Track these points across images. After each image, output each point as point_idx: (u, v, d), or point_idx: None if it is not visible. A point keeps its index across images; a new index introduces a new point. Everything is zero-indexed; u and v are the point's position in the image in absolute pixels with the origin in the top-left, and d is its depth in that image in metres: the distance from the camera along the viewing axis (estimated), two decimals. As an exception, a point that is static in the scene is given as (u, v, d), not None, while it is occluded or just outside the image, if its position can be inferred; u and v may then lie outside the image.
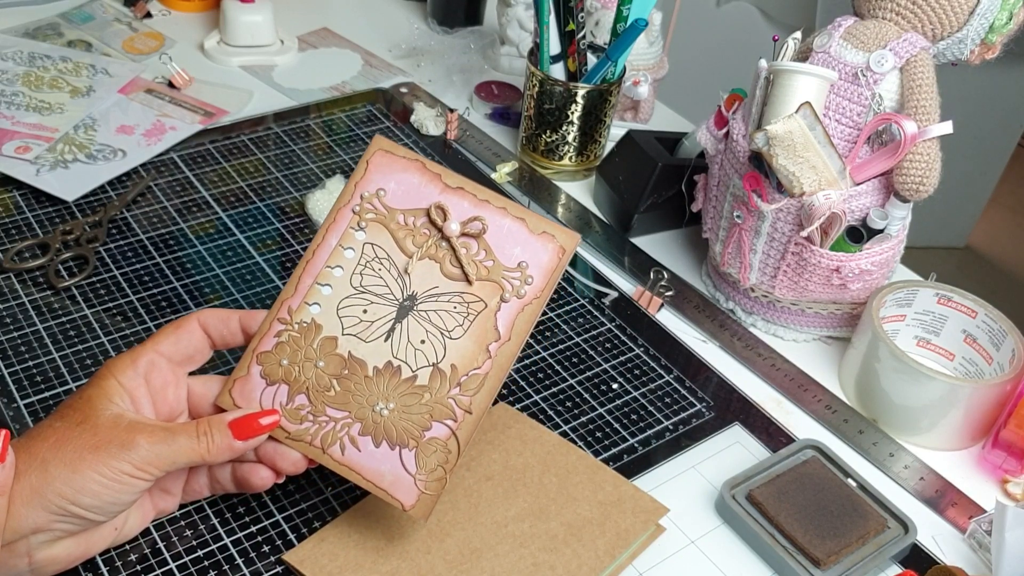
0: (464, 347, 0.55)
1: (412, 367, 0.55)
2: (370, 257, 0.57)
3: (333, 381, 0.55)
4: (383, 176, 0.58)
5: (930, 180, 0.69)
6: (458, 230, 0.56)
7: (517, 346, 0.55)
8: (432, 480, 0.53)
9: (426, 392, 0.55)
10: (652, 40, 1.01)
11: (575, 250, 0.57)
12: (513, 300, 0.56)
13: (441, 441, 0.54)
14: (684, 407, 0.71)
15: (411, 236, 0.57)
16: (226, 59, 1.06)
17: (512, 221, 0.57)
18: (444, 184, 0.58)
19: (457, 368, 0.55)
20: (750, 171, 0.73)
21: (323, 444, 0.55)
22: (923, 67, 0.70)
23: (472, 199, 0.57)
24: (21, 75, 0.97)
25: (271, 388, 0.56)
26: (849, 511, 0.62)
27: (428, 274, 0.57)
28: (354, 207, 0.58)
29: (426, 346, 0.55)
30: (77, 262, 0.76)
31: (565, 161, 0.95)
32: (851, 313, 0.78)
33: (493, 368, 0.55)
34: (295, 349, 0.56)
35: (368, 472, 0.54)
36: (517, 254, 0.57)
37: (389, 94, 1.04)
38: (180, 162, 0.89)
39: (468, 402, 0.54)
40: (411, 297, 0.56)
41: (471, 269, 0.56)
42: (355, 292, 0.57)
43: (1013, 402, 0.68)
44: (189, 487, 0.57)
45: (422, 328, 0.56)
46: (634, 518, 0.60)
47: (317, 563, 0.56)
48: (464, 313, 0.56)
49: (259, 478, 0.55)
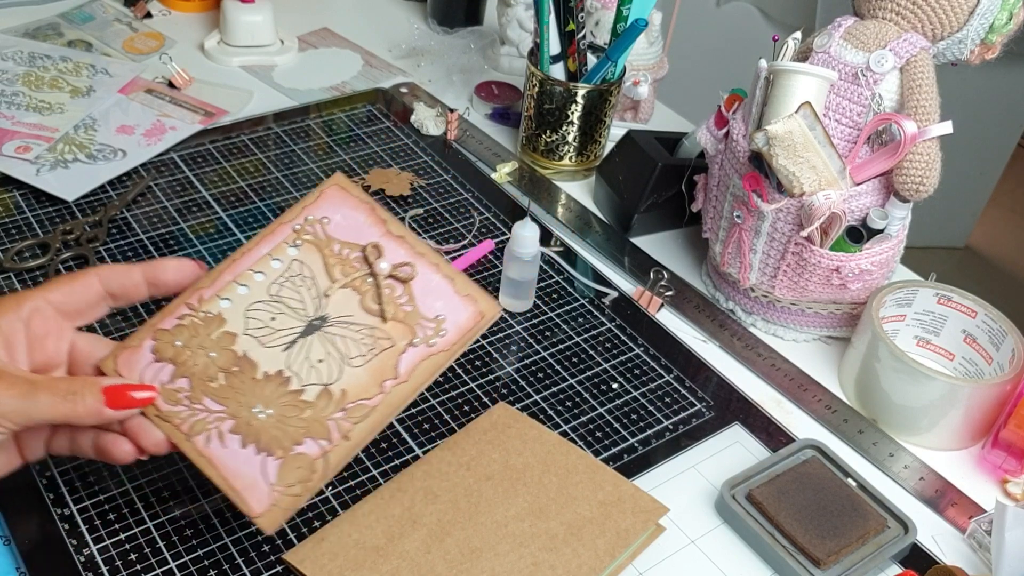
0: (360, 376, 0.56)
1: (302, 381, 0.56)
2: (295, 272, 0.59)
3: (220, 374, 0.55)
4: (332, 207, 0.61)
5: (930, 180, 0.69)
6: (387, 270, 0.59)
7: (413, 390, 0.56)
8: (287, 494, 0.53)
9: (308, 408, 0.55)
10: (652, 40, 1.01)
11: (493, 320, 0.59)
12: (422, 347, 0.57)
13: (309, 459, 0.53)
14: (684, 407, 0.71)
15: (340, 265, 0.59)
16: (226, 59, 1.06)
17: (441, 278, 0.59)
18: (387, 230, 0.60)
19: (347, 394, 0.55)
20: (750, 171, 0.73)
21: (190, 431, 0.54)
22: (923, 67, 0.70)
23: (409, 249, 0.60)
24: (21, 75, 0.97)
25: (157, 365, 0.55)
26: (849, 511, 0.62)
27: (346, 303, 0.58)
28: (295, 225, 0.60)
29: (323, 365, 0.56)
30: (77, 262, 0.76)
31: (565, 161, 0.95)
32: (851, 313, 0.78)
33: (382, 404, 0.55)
34: (193, 335, 0.56)
35: (226, 469, 0.53)
36: (438, 307, 0.59)
37: (389, 94, 1.04)
38: (180, 162, 0.89)
39: (348, 428, 0.54)
40: (322, 318, 0.58)
41: (389, 308, 0.58)
42: (269, 299, 0.58)
43: (1013, 402, 0.68)
44: (52, 443, 0.55)
45: (324, 349, 0.57)
46: (634, 518, 0.60)
47: (317, 562, 0.56)
48: (369, 346, 0.57)
49: (121, 451, 0.53)
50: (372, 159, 0.93)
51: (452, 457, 0.63)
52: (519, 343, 0.75)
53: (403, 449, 0.65)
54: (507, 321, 0.76)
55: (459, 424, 0.67)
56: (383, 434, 0.65)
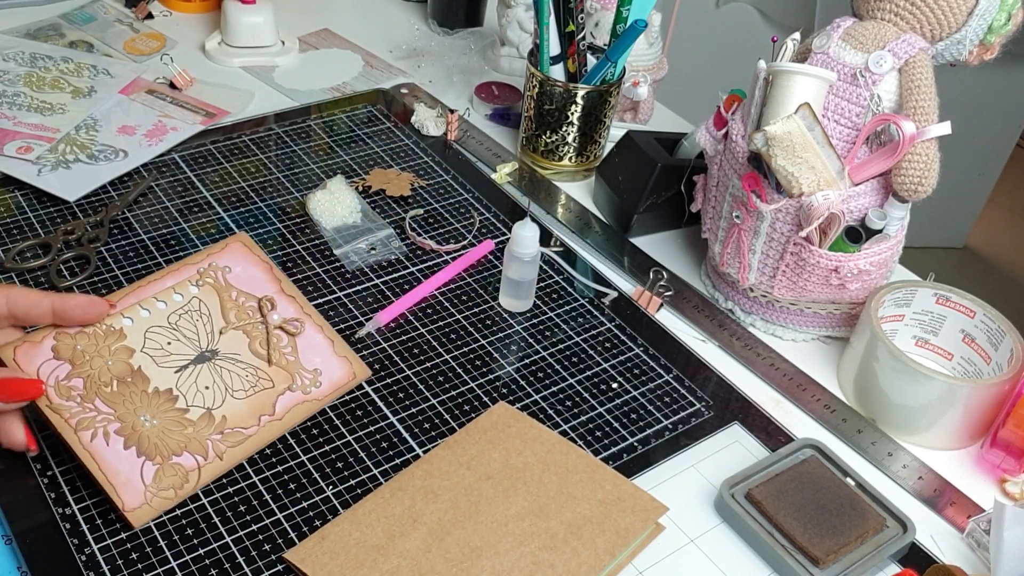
0: (240, 408, 0.63)
1: (188, 402, 0.62)
2: (194, 308, 0.66)
3: (114, 380, 0.61)
4: (234, 259, 0.69)
5: (929, 180, 0.69)
6: (278, 321, 0.67)
7: (285, 427, 0.63)
8: (159, 496, 0.57)
9: (191, 426, 0.61)
10: (652, 41, 1.01)
11: (363, 380, 0.68)
12: (298, 392, 0.65)
13: (184, 469, 0.59)
14: (683, 406, 0.71)
15: (236, 310, 0.67)
16: (227, 60, 1.06)
17: (323, 338, 0.68)
18: (281, 288, 0.69)
19: (227, 420, 0.62)
20: (749, 171, 0.73)
21: (77, 425, 0.58)
22: (922, 68, 0.70)
23: (299, 309, 0.69)
24: (23, 76, 0.97)
25: (54, 362, 0.60)
26: (848, 510, 0.62)
27: (237, 343, 0.66)
28: (200, 268, 0.68)
29: (208, 392, 0.63)
30: (79, 262, 0.76)
31: (565, 162, 0.95)
32: (850, 313, 0.78)
33: (257, 435, 0.62)
34: (93, 342, 0.61)
35: (106, 465, 0.57)
36: (317, 362, 0.67)
37: (390, 95, 1.04)
38: (181, 162, 0.90)
39: (223, 450, 0.61)
40: (213, 351, 0.65)
41: (275, 355, 0.66)
42: (168, 326, 0.64)
43: (1011, 402, 0.68)
44: None
45: (211, 377, 0.63)
46: (633, 517, 0.60)
47: (318, 561, 0.56)
48: (252, 383, 0.64)
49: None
50: (372, 159, 0.94)
51: (452, 456, 0.63)
52: (519, 343, 0.75)
53: (403, 449, 0.65)
54: (507, 321, 0.77)
55: (459, 424, 0.67)
56: (383, 434, 0.66)
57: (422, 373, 0.71)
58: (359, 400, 0.68)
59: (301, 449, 0.64)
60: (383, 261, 0.81)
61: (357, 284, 0.78)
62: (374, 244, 0.82)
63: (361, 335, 0.73)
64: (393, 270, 0.80)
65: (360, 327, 0.74)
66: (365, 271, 0.80)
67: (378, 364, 0.71)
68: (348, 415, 0.67)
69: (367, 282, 0.79)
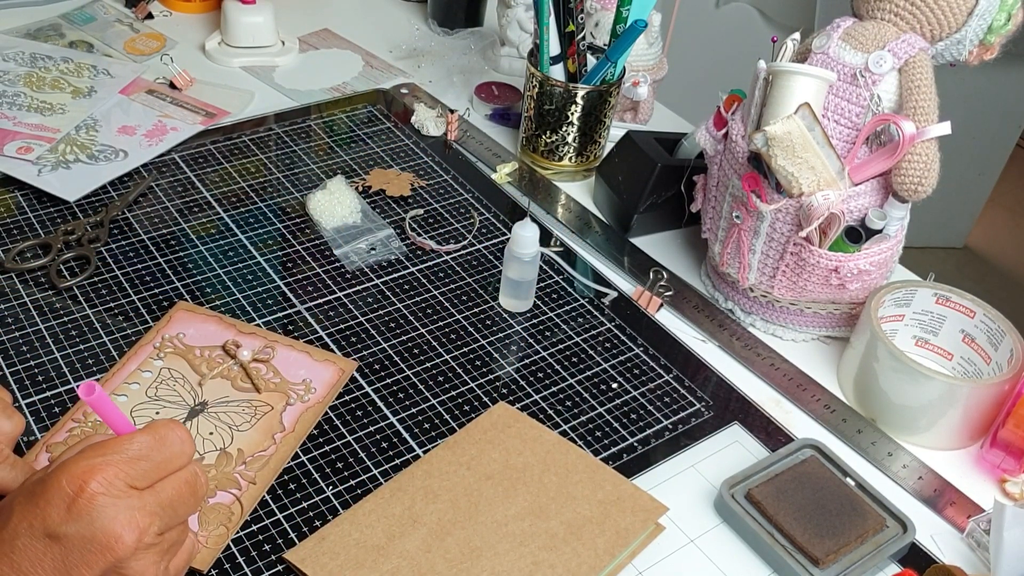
0: (251, 437, 0.64)
1: (199, 453, 0.62)
2: (166, 377, 0.67)
3: None
4: (183, 325, 0.71)
5: (928, 180, 0.69)
6: (249, 356, 0.69)
7: (300, 437, 0.64)
8: (213, 536, 0.58)
9: (212, 469, 0.62)
10: (651, 41, 1.01)
11: (352, 373, 0.69)
12: (298, 404, 0.67)
13: (225, 506, 0.60)
14: (683, 406, 0.71)
15: (206, 363, 0.68)
16: (227, 60, 1.06)
17: (298, 353, 0.70)
18: (238, 330, 0.71)
19: (244, 451, 0.63)
20: (749, 172, 0.73)
21: None
22: (922, 68, 0.70)
23: (263, 339, 0.71)
24: (23, 76, 0.97)
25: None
26: (848, 510, 0.62)
27: (220, 389, 0.67)
28: (155, 344, 0.69)
29: (214, 436, 0.64)
30: (79, 262, 0.76)
31: (565, 162, 0.95)
32: (850, 313, 0.78)
33: (277, 451, 0.63)
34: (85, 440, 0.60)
35: None
36: (302, 374, 0.69)
37: (390, 95, 1.04)
38: (181, 162, 0.90)
39: (253, 475, 0.62)
40: (202, 404, 0.66)
41: (260, 383, 0.67)
42: (149, 400, 0.66)
43: (1011, 402, 0.68)
44: None
45: (211, 424, 0.64)
46: (633, 517, 0.60)
47: (318, 561, 0.56)
48: (252, 413, 0.66)
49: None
50: (372, 160, 0.94)
51: (452, 457, 0.63)
52: (519, 343, 0.75)
53: (403, 449, 0.65)
54: (507, 321, 0.77)
55: (459, 424, 0.67)
56: (383, 434, 0.66)
57: (422, 373, 0.71)
58: (359, 400, 0.68)
59: (301, 449, 0.64)
60: (383, 261, 0.81)
61: (357, 284, 0.78)
62: (374, 244, 0.82)
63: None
64: (393, 270, 0.80)
65: (360, 327, 0.74)
66: (365, 271, 0.80)
67: (378, 364, 0.71)
68: (348, 415, 0.67)
69: (367, 282, 0.79)
